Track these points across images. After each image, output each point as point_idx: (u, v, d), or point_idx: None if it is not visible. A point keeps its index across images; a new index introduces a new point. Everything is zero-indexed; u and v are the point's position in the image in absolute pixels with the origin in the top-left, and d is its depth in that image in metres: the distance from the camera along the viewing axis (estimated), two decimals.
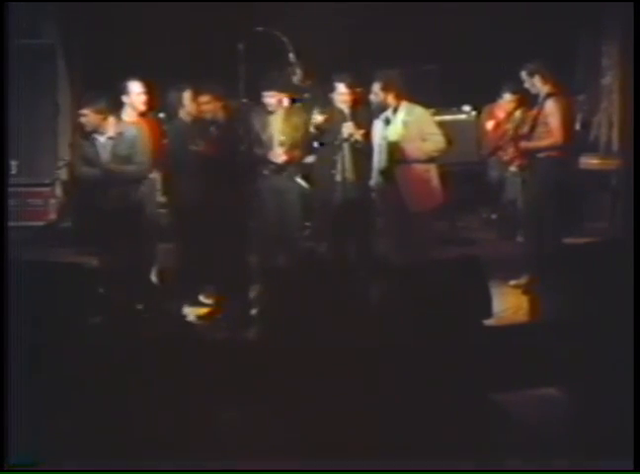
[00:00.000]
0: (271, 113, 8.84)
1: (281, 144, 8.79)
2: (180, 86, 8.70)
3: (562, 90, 8.87)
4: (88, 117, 8.22)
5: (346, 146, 8.65)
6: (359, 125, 8.61)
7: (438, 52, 11.31)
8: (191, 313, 8.36)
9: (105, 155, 8.26)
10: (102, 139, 8.27)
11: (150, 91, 8.62)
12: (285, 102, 8.91)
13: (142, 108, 8.60)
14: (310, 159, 9.15)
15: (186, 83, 8.72)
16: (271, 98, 8.80)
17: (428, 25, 11.22)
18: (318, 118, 8.70)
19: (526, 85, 8.81)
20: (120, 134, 8.28)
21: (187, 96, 8.64)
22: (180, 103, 8.65)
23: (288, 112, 8.90)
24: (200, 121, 8.68)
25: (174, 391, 5.41)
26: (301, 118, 8.93)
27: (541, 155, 8.74)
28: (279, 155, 8.74)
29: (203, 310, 8.46)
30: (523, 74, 8.76)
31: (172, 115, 8.83)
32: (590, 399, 5.37)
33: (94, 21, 10.97)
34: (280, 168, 8.80)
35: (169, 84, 8.81)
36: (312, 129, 8.73)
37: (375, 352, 5.52)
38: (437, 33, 11.23)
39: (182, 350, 5.72)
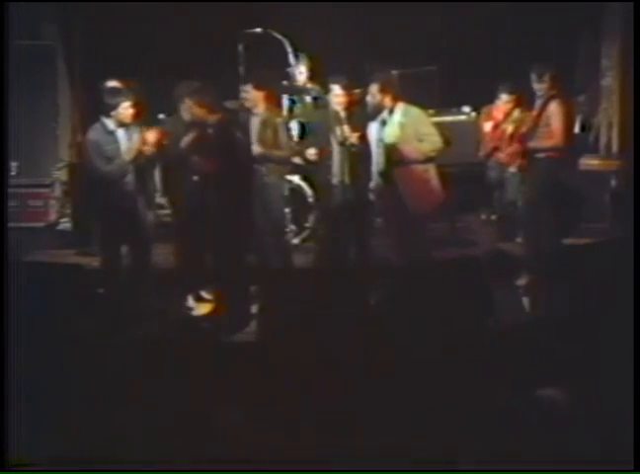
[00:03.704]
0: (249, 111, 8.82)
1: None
2: (187, 82, 8.64)
3: (565, 92, 8.90)
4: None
5: (342, 150, 8.63)
6: (354, 128, 8.57)
7: (437, 53, 11.31)
8: (192, 310, 8.34)
9: (124, 147, 8.25)
10: (121, 132, 8.25)
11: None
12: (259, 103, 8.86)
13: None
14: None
15: (193, 79, 8.68)
16: (245, 93, 8.81)
17: (428, 25, 11.22)
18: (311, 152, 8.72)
19: (538, 86, 8.79)
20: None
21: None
22: (182, 98, 8.58)
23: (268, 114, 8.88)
24: (197, 123, 8.64)
25: (174, 391, 5.41)
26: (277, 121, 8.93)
27: (541, 155, 8.75)
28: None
29: (206, 307, 8.43)
30: (547, 76, 8.73)
31: (172, 111, 8.78)
32: (590, 399, 5.36)
33: (94, 21, 10.97)
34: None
35: (168, 84, 8.79)
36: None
37: (375, 352, 5.52)
38: (436, 33, 11.23)
39: (182, 350, 5.72)
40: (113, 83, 8.64)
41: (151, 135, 8.25)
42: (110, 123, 8.22)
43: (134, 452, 5.05)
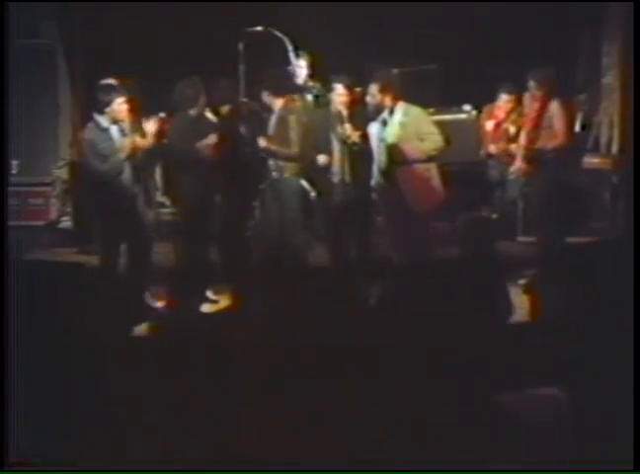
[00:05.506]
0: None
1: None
2: (194, 81, 8.64)
3: (564, 92, 8.92)
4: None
5: (343, 148, 8.62)
6: (356, 127, 8.56)
7: (438, 52, 11.31)
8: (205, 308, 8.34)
9: (118, 145, 8.23)
10: (115, 129, 8.24)
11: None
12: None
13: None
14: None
15: (200, 78, 8.69)
16: (267, 97, 8.86)
17: (428, 24, 11.22)
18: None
19: (537, 93, 8.81)
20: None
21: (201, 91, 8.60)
22: (193, 98, 8.56)
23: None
24: (205, 119, 8.64)
25: (175, 391, 5.41)
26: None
27: (545, 156, 8.77)
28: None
29: (222, 305, 8.43)
30: (546, 81, 8.75)
31: (178, 109, 8.74)
32: (590, 399, 5.36)
33: (94, 21, 10.98)
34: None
35: (169, 82, 8.79)
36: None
37: (376, 352, 5.52)
38: (437, 32, 11.24)
39: (183, 349, 5.72)
40: (108, 80, 8.63)
41: (152, 125, 8.25)
42: (103, 121, 8.20)
43: (135, 452, 5.05)
